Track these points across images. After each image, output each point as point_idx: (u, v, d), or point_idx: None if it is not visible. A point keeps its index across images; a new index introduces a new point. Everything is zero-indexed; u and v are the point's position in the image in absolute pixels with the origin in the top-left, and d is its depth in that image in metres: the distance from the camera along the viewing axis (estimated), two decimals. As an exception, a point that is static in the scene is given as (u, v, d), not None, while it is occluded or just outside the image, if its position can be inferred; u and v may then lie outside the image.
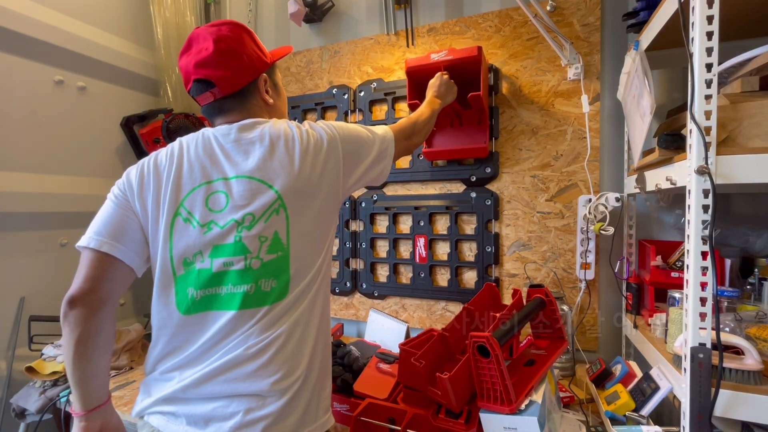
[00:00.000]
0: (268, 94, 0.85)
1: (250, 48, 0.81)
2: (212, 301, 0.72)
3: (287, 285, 0.73)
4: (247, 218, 0.72)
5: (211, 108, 0.81)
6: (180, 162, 0.76)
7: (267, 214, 0.72)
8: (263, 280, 0.71)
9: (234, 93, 0.79)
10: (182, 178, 0.75)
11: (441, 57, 1.32)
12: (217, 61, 0.76)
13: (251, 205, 0.72)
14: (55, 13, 1.60)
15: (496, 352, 0.77)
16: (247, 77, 0.80)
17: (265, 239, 0.72)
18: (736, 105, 0.76)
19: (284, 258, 0.73)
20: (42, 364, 1.36)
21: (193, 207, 0.73)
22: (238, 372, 0.69)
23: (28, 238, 1.55)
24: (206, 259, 0.72)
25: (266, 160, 0.74)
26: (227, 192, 0.73)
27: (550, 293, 0.98)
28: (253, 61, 0.81)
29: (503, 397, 0.78)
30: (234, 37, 0.78)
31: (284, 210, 0.73)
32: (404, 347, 1.03)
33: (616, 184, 1.38)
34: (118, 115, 1.86)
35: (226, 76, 0.77)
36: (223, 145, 0.77)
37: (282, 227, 0.73)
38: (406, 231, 1.66)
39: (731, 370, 0.76)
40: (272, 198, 0.73)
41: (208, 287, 0.72)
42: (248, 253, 0.71)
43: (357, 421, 0.95)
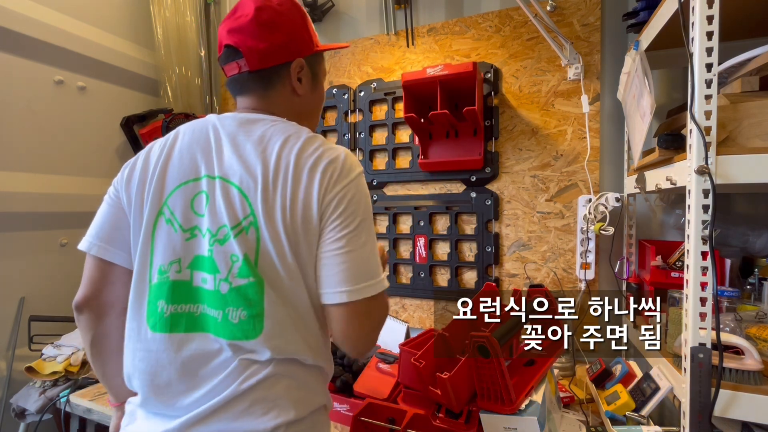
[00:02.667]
0: (300, 83, 0.73)
1: (296, 26, 0.71)
2: (184, 320, 0.62)
3: (259, 320, 0.60)
4: (221, 230, 0.61)
5: (234, 82, 0.72)
6: (170, 153, 0.67)
7: (239, 229, 0.61)
8: (231, 308, 0.60)
9: (261, 70, 0.69)
10: (169, 172, 0.66)
11: (437, 72, 1.34)
12: (252, 30, 0.67)
13: (227, 214, 0.61)
14: (55, 13, 1.60)
15: (497, 352, 0.77)
16: (281, 56, 0.69)
17: (236, 259, 0.60)
18: (736, 105, 0.76)
19: (257, 285, 0.60)
20: (42, 364, 1.35)
21: (176, 207, 0.64)
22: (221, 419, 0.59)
23: (28, 238, 1.55)
24: (184, 269, 0.63)
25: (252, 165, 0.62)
26: (209, 193, 0.63)
27: (550, 294, 0.98)
28: (294, 41, 0.70)
29: (503, 397, 0.78)
30: (280, 10, 0.69)
31: (255, 230, 0.61)
32: (404, 347, 1.03)
33: (616, 184, 1.38)
34: (118, 115, 1.86)
35: (258, 48, 0.67)
36: (221, 136, 0.66)
37: (252, 249, 0.61)
38: (406, 231, 1.66)
39: (731, 370, 0.76)
40: (246, 211, 0.61)
41: (181, 303, 0.62)
42: (217, 272, 0.61)
43: (357, 421, 0.95)
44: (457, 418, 0.90)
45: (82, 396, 1.24)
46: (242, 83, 0.71)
